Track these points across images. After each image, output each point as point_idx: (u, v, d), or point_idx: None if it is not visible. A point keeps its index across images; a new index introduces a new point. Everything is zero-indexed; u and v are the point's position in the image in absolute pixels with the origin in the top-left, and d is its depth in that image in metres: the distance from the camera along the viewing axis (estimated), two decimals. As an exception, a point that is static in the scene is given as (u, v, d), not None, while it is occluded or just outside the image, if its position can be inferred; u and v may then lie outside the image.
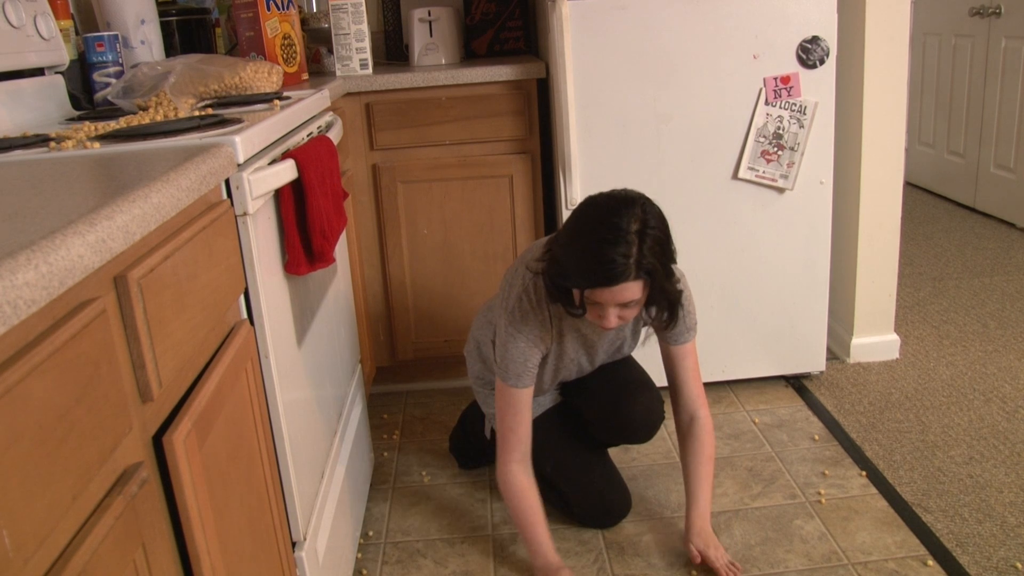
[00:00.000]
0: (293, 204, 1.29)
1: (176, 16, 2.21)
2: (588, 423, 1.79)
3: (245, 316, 1.14)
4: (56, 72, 1.76)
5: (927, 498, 1.79)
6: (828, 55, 2.08)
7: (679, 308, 1.55)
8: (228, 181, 1.10)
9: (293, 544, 1.28)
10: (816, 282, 2.25)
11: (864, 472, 1.90)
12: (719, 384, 2.36)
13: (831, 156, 2.16)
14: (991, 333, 2.60)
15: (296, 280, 1.36)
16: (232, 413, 1.00)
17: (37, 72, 1.69)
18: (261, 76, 1.73)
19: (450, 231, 2.30)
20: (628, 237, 1.36)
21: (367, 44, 2.26)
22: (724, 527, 1.76)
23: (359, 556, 1.75)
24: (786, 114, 2.11)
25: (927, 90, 4.28)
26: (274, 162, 1.23)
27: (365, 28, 2.26)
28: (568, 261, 1.43)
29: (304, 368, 1.39)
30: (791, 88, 2.09)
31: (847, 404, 2.22)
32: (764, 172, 2.15)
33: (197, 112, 1.43)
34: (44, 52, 1.68)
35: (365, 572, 1.70)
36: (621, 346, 1.75)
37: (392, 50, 2.70)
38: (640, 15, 2.04)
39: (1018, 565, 1.57)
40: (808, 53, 2.08)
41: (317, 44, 2.51)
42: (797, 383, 2.36)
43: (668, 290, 1.46)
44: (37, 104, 1.64)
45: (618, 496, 1.78)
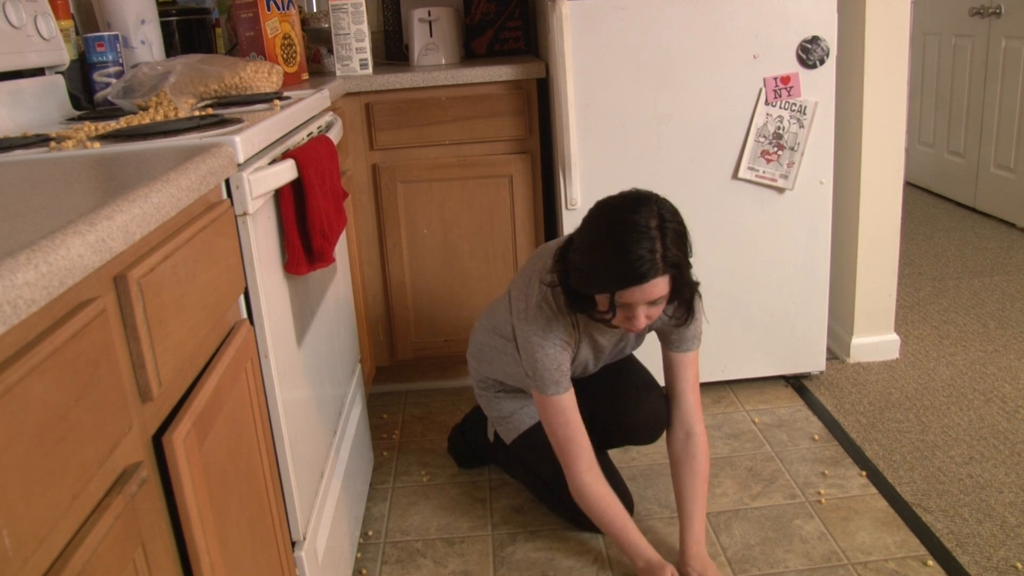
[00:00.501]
0: (293, 204, 1.29)
1: (176, 16, 2.21)
2: (592, 424, 1.79)
3: (245, 316, 1.14)
4: (56, 72, 1.76)
5: (927, 498, 1.79)
6: (828, 55, 2.08)
7: (697, 301, 1.55)
8: (228, 181, 1.10)
9: (293, 544, 1.28)
10: (816, 282, 2.25)
11: (864, 472, 1.91)
12: (719, 384, 2.36)
13: (831, 156, 2.16)
14: (991, 333, 2.60)
15: (296, 280, 1.37)
16: (232, 413, 1.00)
17: (37, 72, 1.69)
18: (261, 76, 1.73)
19: (450, 231, 2.30)
20: (651, 233, 1.35)
21: (367, 44, 2.26)
22: (724, 527, 1.76)
23: (358, 556, 1.75)
24: (786, 114, 2.11)
25: (927, 90, 4.28)
26: (274, 162, 1.23)
27: (365, 28, 2.26)
28: (592, 267, 1.41)
29: (304, 368, 1.39)
30: (791, 88, 2.09)
31: (847, 404, 2.22)
32: (764, 172, 2.15)
33: (197, 112, 1.44)
34: (44, 52, 1.68)
35: (365, 572, 1.70)
36: (624, 347, 1.75)
37: (392, 50, 2.70)
38: (640, 15, 2.04)
39: (1018, 565, 1.57)
40: (808, 53, 2.08)
41: (317, 44, 2.51)
42: (797, 383, 2.36)
43: (690, 283, 1.46)
44: (37, 104, 1.64)
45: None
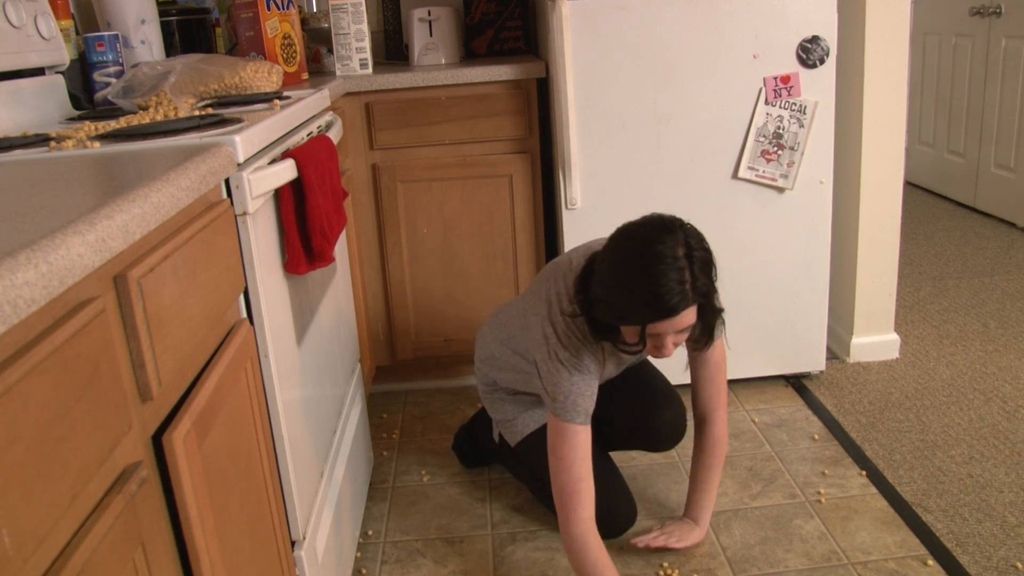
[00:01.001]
0: (293, 203, 1.29)
1: (176, 16, 2.21)
2: (610, 429, 1.78)
3: (245, 315, 1.14)
4: (56, 72, 1.76)
5: (927, 498, 1.79)
6: (828, 55, 2.08)
7: (719, 326, 1.54)
8: (228, 181, 1.10)
9: (292, 543, 1.28)
10: (816, 282, 2.25)
11: (864, 472, 1.90)
12: (719, 384, 2.36)
13: (831, 156, 2.16)
14: (991, 333, 2.60)
15: (296, 279, 1.37)
16: (232, 412, 1.00)
17: (37, 72, 1.69)
18: (261, 76, 1.73)
19: (450, 231, 2.30)
20: (679, 263, 1.31)
21: (367, 44, 2.26)
22: (724, 527, 1.76)
23: (358, 555, 1.75)
24: (786, 114, 2.11)
25: (927, 90, 4.28)
26: (274, 162, 1.23)
27: (365, 28, 2.26)
28: (619, 300, 1.36)
29: (304, 367, 1.39)
30: (791, 88, 2.09)
31: (847, 404, 2.22)
32: (764, 172, 2.15)
33: (197, 112, 1.44)
34: (44, 52, 1.68)
35: (364, 571, 1.70)
36: (644, 354, 1.74)
37: (392, 50, 2.70)
38: (640, 15, 2.04)
39: (1018, 565, 1.57)
40: (808, 53, 2.08)
41: (317, 44, 2.51)
42: (797, 383, 2.36)
43: (715, 309, 1.45)
44: (37, 104, 1.64)
45: (624, 507, 1.75)
